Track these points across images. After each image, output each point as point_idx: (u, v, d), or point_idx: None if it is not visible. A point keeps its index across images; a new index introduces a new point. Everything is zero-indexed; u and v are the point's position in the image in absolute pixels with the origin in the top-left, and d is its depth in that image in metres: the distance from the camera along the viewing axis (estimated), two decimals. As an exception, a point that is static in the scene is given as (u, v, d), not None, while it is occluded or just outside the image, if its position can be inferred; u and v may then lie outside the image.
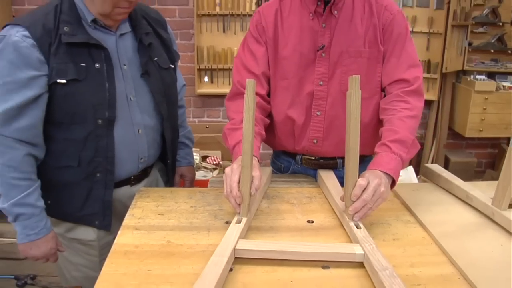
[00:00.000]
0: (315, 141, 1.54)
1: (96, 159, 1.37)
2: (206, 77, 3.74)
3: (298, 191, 1.48)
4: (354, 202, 1.17)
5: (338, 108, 1.47)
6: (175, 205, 1.36)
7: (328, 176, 1.51)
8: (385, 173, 1.23)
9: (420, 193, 1.45)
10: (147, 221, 1.25)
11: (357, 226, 1.16)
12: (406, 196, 1.41)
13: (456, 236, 1.17)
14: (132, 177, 1.50)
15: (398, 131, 1.32)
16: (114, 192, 1.43)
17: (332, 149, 1.55)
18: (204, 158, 3.52)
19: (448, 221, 1.25)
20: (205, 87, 3.76)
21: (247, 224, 1.19)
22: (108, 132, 1.36)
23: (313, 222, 1.27)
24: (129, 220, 1.26)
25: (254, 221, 1.26)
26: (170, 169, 1.67)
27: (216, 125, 3.78)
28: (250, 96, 1.13)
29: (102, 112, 1.34)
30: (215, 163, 3.46)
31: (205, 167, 3.38)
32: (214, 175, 3.28)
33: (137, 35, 1.45)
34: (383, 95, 1.50)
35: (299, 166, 1.66)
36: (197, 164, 3.30)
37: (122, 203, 1.46)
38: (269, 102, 1.55)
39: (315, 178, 1.61)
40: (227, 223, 1.23)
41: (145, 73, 1.45)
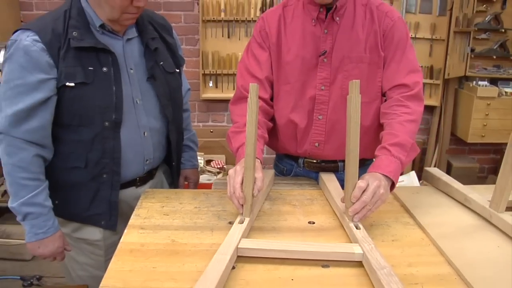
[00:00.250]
0: (317, 144, 1.56)
1: (103, 160, 1.40)
2: (211, 82, 3.77)
3: (300, 193, 1.51)
4: (354, 203, 1.19)
5: (340, 112, 1.49)
6: (179, 205, 1.38)
7: (329, 179, 1.54)
8: (385, 175, 1.25)
9: (419, 196, 1.47)
10: (152, 221, 1.28)
11: (356, 226, 1.18)
12: (406, 198, 1.43)
13: (454, 237, 1.19)
14: (138, 178, 1.53)
15: (398, 134, 1.34)
16: (120, 193, 1.46)
17: (333, 153, 1.57)
18: (208, 162, 3.55)
19: (446, 223, 1.27)
20: (210, 92, 3.79)
21: (249, 224, 1.22)
22: (115, 134, 1.40)
23: (314, 223, 1.29)
24: (135, 220, 1.29)
25: (256, 221, 1.28)
26: (175, 171, 1.70)
27: (221, 129, 3.80)
28: (253, 100, 1.16)
29: (109, 114, 1.37)
30: (219, 167, 3.48)
31: (209, 171, 3.40)
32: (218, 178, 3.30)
33: (144, 40, 1.48)
34: (383, 99, 1.53)
35: (301, 169, 1.69)
36: (202, 167, 3.32)
37: (127, 204, 1.48)
38: (272, 106, 1.58)
39: (317, 181, 1.63)
40: (230, 223, 1.25)
41: (151, 77, 1.48)
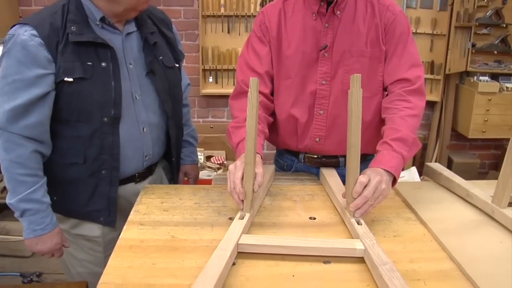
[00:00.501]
0: (317, 139, 1.55)
1: (101, 156, 1.39)
2: (211, 77, 3.76)
3: (300, 188, 1.50)
4: (355, 199, 1.18)
5: (340, 107, 1.48)
6: (179, 201, 1.37)
7: (330, 174, 1.53)
8: (386, 170, 1.24)
9: (421, 191, 1.46)
10: (152, 217, 1.27)
11: (358, 222, 1.17)
12: (407, 194, 1.42)
13: (455, 233, 1.18)
14: (137, 174, 1.52)
15: (400, 129, 1.33)
16: (119, 189, 1.45)
17: (334, 148, 1.56)
18: (208, 158, 3.54)
19: (448, 218, 1.26)
20: (210, 88, 3.78)
21: (250, 219, 1.21)
22: (114, 130, 1.38)
23: (315, 218, 1.28)
24: (134, 216, 1.28)
25: (257, 217, 1.27)
26: (175, 167, 1.69)
27: (221, 125, 3.80)
28: (253, 94, 1.15)
29: (108, 110, 1.36)
30: (219, 162, 3.47)
31: (209, 167, 3.40)
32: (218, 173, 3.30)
33: (143, 34, 1.47)
34: (385, 94, 1.51)
35: (302, 164, 1.68)
36: (201, 163, 3.31)
37: (126, 200, 1.48)
38: (272, 101, 1.57)
39: (317, 176, 1.62)
40: (231, 219, 1.24)
41: (150, 72, 1.47)
